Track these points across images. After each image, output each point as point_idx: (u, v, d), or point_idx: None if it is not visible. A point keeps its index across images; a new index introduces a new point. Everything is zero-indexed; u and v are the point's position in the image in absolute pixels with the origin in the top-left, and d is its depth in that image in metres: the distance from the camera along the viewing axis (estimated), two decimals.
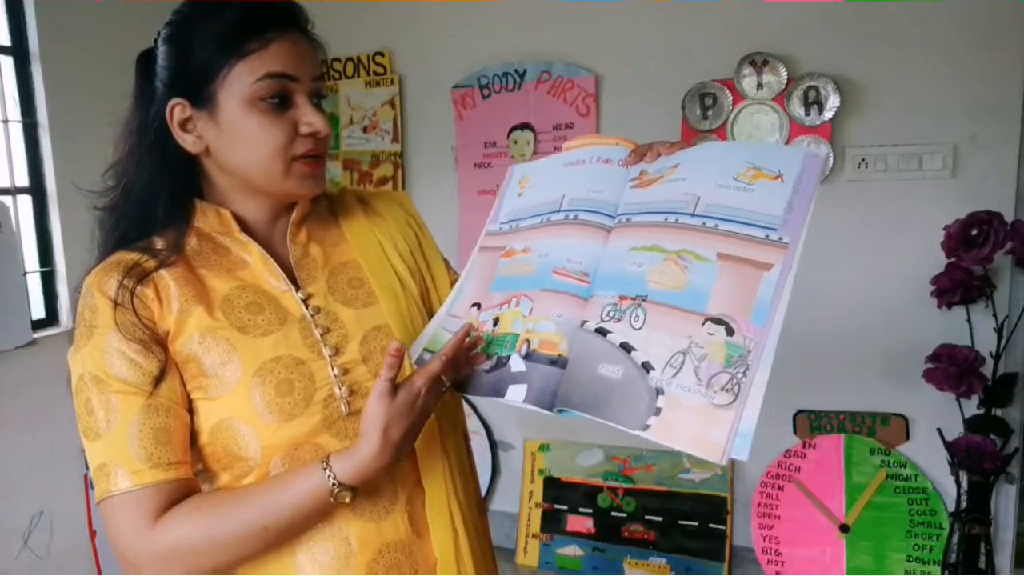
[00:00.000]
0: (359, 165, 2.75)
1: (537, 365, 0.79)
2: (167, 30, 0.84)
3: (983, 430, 1.98)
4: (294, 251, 0.91)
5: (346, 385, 0.85)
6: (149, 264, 0.83)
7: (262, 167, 0.84)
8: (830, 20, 2.15)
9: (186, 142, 0.85)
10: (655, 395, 0.72)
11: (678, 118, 2.31)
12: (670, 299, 0.75)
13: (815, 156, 0.77)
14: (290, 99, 0.83)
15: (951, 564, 2.03)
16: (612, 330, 0.77)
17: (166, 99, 0.84)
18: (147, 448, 0.78)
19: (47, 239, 2.27)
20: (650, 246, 0.79)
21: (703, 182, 0.79)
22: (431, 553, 0.89)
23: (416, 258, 1.00)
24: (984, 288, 1.97)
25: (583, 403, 0.75)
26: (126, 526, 0.78)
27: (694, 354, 0.72)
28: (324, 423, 0.83)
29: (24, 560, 2.12)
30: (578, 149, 0.94)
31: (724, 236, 0.75)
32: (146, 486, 0.78)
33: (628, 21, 2.35)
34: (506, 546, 2.60)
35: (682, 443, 0.69)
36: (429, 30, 2.59)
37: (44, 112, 2.22)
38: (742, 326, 0.71)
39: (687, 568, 2.38)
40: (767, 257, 0.73)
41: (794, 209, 0.74)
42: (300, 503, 0.78)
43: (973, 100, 2.06)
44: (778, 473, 2.32)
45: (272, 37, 0.81)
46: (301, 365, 0.84)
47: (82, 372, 0.80)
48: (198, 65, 0.81)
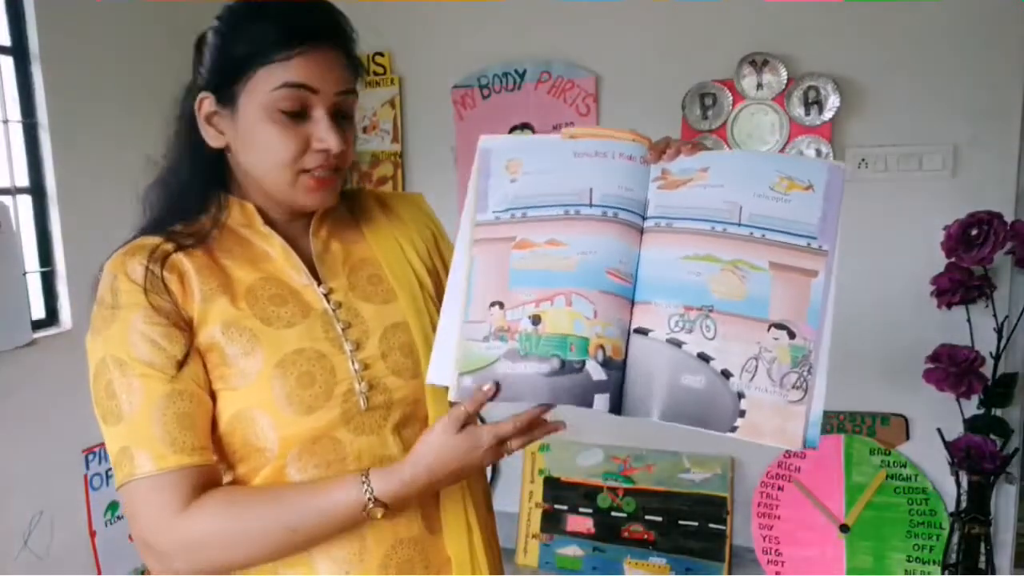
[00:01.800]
0: (359, 165, 2.75)
1: (612, 371, 0.80)
2: (215, 23, 0.85)
3: (983, 430, 1.98)
4: (316, 246, 0.92)
5: (366, 380, 0.86)
6: (168, 247, 0.83)
7: (269, 175, 0.84)
8: (830, 20, 2.15)
9: (208, 135, 0.86)
10: (737, 399, 0.79)
11: (678, 118, 2.31)
12: (735, 308, 0.81)
13: (839, 168, 0.85)
14: (308, 112, 0.82)
15: (951, 564, 2.03)
16: (686, 340, 0.81)
17: (199, 89, 0.85)
18: (171, 432, 0.78)
19: (47, 239, 2.27)
20: (704, 255, 0.83)
21: (741, 190, 0.83)
22: (443, 550, 0.90)
23: (433, 258, 1.00)
24: (984, 288, 1.97)
25: (670, 411, 0.80)
26: (149, 511, 0.77)
27: (764, 358, 0.79)
28: (343, 417, 0.84)
29: (24, 560, 2.12)
30: (590, 139, 0.89)
31: (772, 245, 0.82)
32: (170, 470, 0.77)
33: (628, 21, 2.35)
34: (506, 546, 2.60)
35: (767, 439, 0.78)
36: (429, 30, 2.59)
37: (44, 112, 2.21)
38: (802, 329, 0.80)
39: (687, 568, 2.38)
40: (812, 264, 0.81)
41: (827, 218, 0.82)
42: (332, 511, 0.79)
43: (973, 100, 2.06)
44: (778, 473, 2.32)
45: (302, 49, 0.80)
46: (323, 358, 0.84)
47: (103, 355, 0.80)
48: (230, 63, 0.82)
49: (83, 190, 2.23)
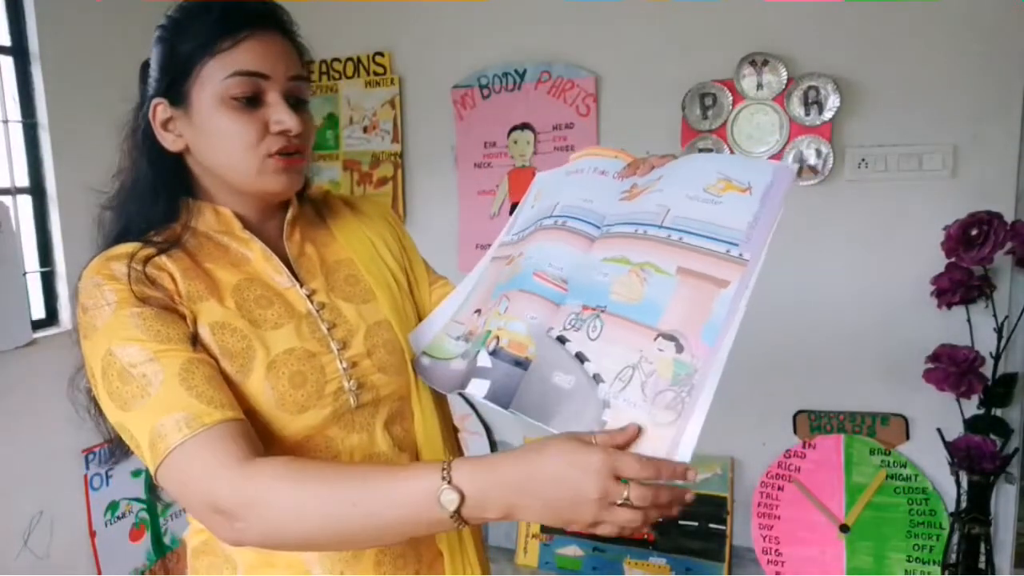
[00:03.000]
0: (359, 165, 2.75)
1: (502, 363, 0.79)
2: (156, 33, 0.86)
3: (983, 430, 1.98)
4: (291, 249, 0.92)
5: (354, 378, 0.87)
6: (149, 251, 0.83)
7: (234, 164, 0.84)
8: (830, 20, 2.15)
9: (166, 140, 0.86)
10: (601, 408, 0.72)
11: (678, 118, 2.31)
12: (626, 311, 0.74)
13: (786, 169, 0.76)
14: (261, 97, 0.83)
15: (951, 564, 2.03)
16: (571, 339, 0.76)
17: (151, 99, 0.85)
18: (205, 393, 0.74)
19: (47, 239, 2.27)
20: (618, 257, 0.79)
21: (675, 194, 0.79)
22: (434, 545, 0.92)
23: (403, 256, 1.02)
24: (984, 288, 1.97)
25: (535, 408, 0.75)
26: (208, 467, 0.71)
27: (643, 369, 0.71)
28: (334, 415, 0.84)
29: (24, 560, 2.12)
30: (580, 159, 0.94)
31: (686, 249, 0.74)
32: (217, 424, 0.72)
33: (628, 21, 2.35)
34: (506, 546, 2.60)
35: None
36: (429, 30, 2.59)
37: (44, 112, 2.22)
38: (692, 344, 0.70)
39: (687, 568, 2.38)
40: (725, 274, 0.72)
41: (759, 223, 0.73)
42: (400, 491, 0.69)
43: (973, 100, 2.06)
44: (778, 473, 2.32)
45: (245, 36, 0.81)
46: (312, 358, 0.85)
47: (107, 348, 0.76)
48: (177, 64, 0.83)
49: (83, 190, 2.23)
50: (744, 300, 0.70)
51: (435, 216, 2.66)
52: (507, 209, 2.57)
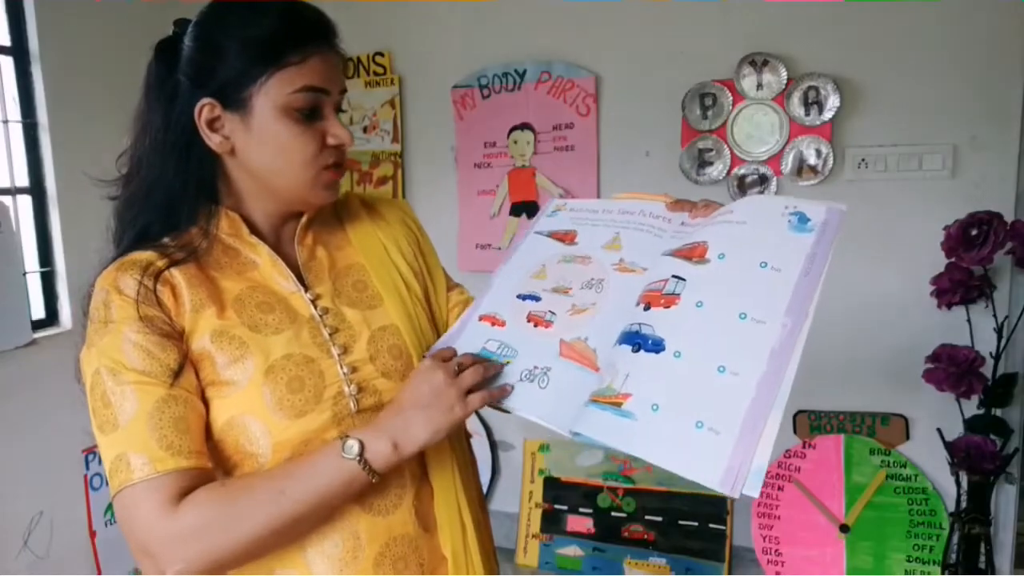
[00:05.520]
0: (359, 165, 2.75)
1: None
2: (197, 29, 0.85)
3: (983, 430, 1.98)
4: (301, 253, 0.93)
5: (355, 383, 0.87)
6: (162, 263, 0.83)
7: (291, 174, 0.86)
8: (830, 20, 2.15)
9: (212, 141, 0.85)
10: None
11: (678, 118, 2.31)
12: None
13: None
14: (320, 111, 0.86)
15: (951, 564, 2.03)
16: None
17: (193, 97, 0.84)
18: (167, 436, 0.77)
19: (47, 239, 2.27)
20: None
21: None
22: (437, 548, 0.91)
23: (419, 260, 1.02)
24: (984, 288, 1.97)
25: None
26: (145, 513, 0.76)
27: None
28: (334, 419, 0.84)
29: (24, 560, 2.12)
30: (625, 201, 0.98)
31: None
32: (167, 472, 0.76)
33: (628, 21, 2.35)
34: (506, 546, 2.60)
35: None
36: (429, 30, 2.59)
37: (44, 112, 2.22)
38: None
39: (687, 568, 2.38)
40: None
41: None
42: (316, 462, 0.79)
43: (973, 100, 2.06)
44: (778, 473, 2.32)
45: (311, 51, 0.84)
46: (311, 363, 0.85)
47: (97, 366, 0.80)
48: (234, 68, 0.82)
49: (83, 190, 2.23)
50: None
51: (435, 216, 2.65)
52: (507, 209, 2.57)
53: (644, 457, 0.75)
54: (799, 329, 0.73)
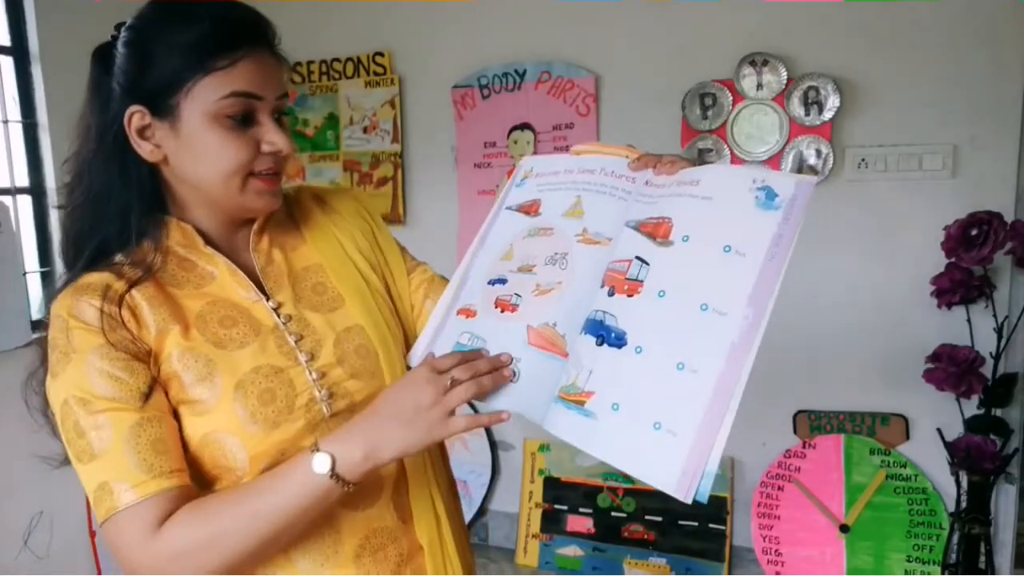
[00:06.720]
0: (359, 166, 2.75)
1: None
2: (128, 34, 0.82)
3: (983, 430, 1.98)
4: (258, 259, 0.91)
5: (325, 388, 0.86)
6: (120, 286, 0.81)
7: (219, 182, 0.83)
8: (830, 20, 2.15)
9: (143, 150, 0.83)
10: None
11: (678, 118, 2.31)
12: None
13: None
14: (253, 117, 0.82)
15: (951, 564, 2.03)
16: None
17: (124, 104, 0.82)
18: (147, 459, 0.77)
19: (47, 239, 2.27)
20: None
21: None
22: (415, 538, 0.92)
23: (375, 252, 1.00)
24: (984, 288, 1.97)
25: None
26: (131, 539, 0.76)
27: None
28: (308, 427, 0.84)
29: (24, 560, 2.12)
30: (585, 156, 0.94)
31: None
32: (150, 496, 0.76)
33: (628, 21, 2.35)
34: (506, 546, 2.60)
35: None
36: (429, 30, 2.59)
37: (44, 112, 2.22)
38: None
39: (687, 568, 2.38)
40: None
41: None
42: (286, 478, 0.77)
43: (973, 100, 2.06)
44: (778, 473, 2.32)
45: (241, 55, 0.79)
46: (280, 373, 0.84)
47: (65, 397, 0.78)
48: (161, 75, 0.80)
49: None
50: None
51: (435, 216, 2.66)
52: None
53: (603, 458, 0.75)
54: (759, 323, 0.72)
